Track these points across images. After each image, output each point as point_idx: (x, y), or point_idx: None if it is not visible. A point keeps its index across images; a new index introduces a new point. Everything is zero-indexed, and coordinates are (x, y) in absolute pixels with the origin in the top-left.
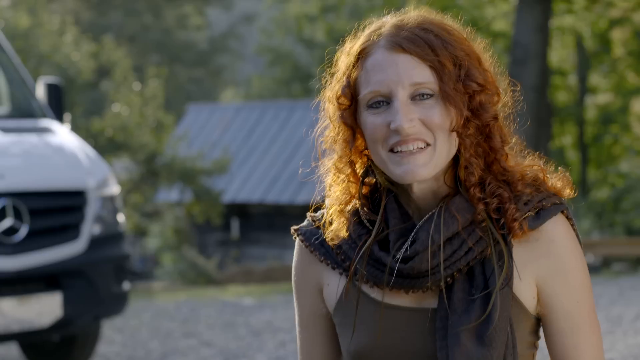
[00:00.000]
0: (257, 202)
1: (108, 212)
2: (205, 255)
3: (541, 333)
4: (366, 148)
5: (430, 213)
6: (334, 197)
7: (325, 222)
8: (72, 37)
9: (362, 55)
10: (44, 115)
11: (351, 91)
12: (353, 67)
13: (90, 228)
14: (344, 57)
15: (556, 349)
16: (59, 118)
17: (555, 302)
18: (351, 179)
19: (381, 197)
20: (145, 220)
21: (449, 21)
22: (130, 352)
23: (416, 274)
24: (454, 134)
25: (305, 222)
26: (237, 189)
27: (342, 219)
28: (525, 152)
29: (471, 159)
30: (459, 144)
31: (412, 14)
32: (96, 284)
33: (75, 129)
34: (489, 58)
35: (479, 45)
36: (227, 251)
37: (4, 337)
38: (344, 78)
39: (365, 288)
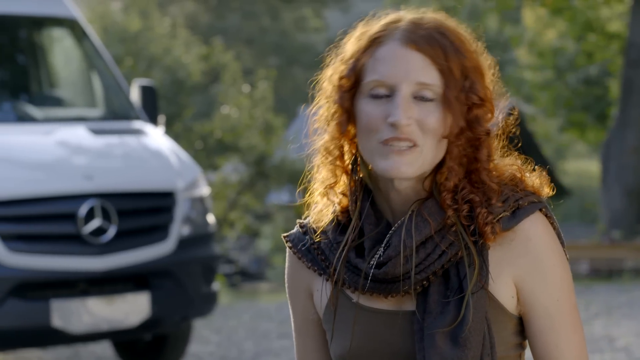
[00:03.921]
0: None
1: (197, 213)
2: None
3: None
4: (355, 136)
5: (402, 218)
6: (320, 179)
7: (308, 203)
8: (183, 39)
9: (374, 43)
10: (137, 118)
11: (356, 75)
12: (363, 52)
13: (179, 229)
14: (354, 41)
15: (538, 348)
16: (153, 120)
17: (534, 301)
18: (338, 163)
19: (360, 198)
20: (256, 222)
21: (463, 30)
22: (223, 352)
23: (391, 279)
24: (444, 141)
25: (294, 229)
26: None
27: (327, 202)
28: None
29: (454, 167)
30: (447, 152)
31: (430, 15)
32: (185, 284)
33: (186, 130)
34: (492, 76)
35: (486, 61)
36: None
37: (93, 336)
38: (351, 61)
39: (348, 293)
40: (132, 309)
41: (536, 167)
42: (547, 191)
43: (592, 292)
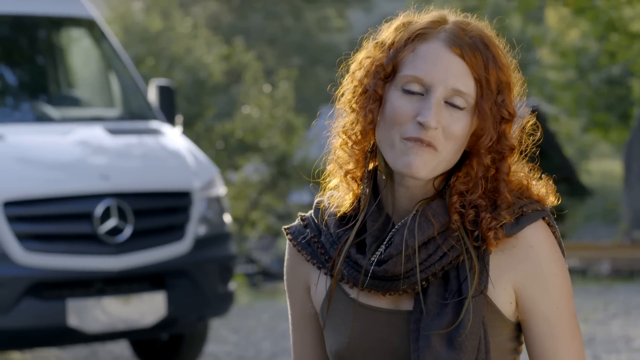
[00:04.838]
0: None
1: (214, 213)
2: None
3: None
4: (375, 123)
5: (406, 217)
6: (339, 162)
7: (325, 187)
8: (204, 39)
9: (418, 38)
10: (154, 118)
11: (393, 65)
12: (404, 44)
13: (195, 228)
14: (393, 31)
15: (536, 355)
16: (170, 120)
17: (534, 308)
18: (357, 148)
19: (368, 194)
20: (278, 222)
21: (502, 45)
22: (241, 351)
23: (390, 277)
24: (462, 147)
25: (295, 222)
26: None
27: (346, 186)
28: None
29: (474, 176)
30: (472, 160)
31: (475, 23)
32: (201, 284)
33: (207, 130)
34: (517, 94)
35: (517, 79)
36: None
37: (109, 336)
38: (392, 51)
39: (346, 288)
40: (148, 308)
41: (543, 175)
42: (552, 200)
43: (612, 292)
